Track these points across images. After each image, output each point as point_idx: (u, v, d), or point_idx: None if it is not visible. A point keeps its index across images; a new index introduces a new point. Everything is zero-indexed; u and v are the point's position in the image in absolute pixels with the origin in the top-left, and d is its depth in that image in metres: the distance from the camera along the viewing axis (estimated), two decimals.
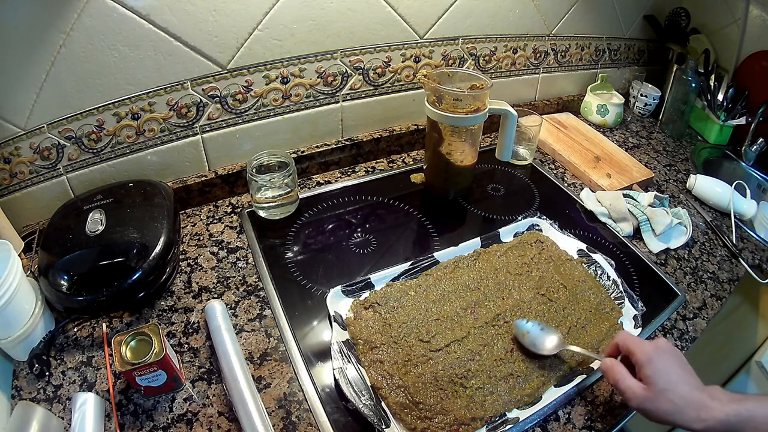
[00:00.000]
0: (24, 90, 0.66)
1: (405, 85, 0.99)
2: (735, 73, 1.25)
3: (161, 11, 0.69)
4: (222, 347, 0.59)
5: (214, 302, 0.65)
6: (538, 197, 0.95)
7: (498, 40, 1.05)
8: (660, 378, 0.49)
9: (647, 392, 0.49)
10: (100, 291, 0.61)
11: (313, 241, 0.80)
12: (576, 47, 1.20)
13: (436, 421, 0.54)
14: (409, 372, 0.58)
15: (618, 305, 0.71)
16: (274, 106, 0.87)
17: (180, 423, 0.55)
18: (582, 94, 1.27)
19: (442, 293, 0.69)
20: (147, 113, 0.76)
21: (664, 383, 0.49)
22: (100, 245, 0.65)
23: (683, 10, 1.27)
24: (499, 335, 0.64)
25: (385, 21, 0.88)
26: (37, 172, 0.73)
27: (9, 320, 0.57)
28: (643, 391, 0.49)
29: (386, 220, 0.86)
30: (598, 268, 0.76)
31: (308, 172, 0.95)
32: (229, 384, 0.55)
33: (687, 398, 0.48)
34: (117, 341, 0.54)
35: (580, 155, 1.07)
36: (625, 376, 0.51)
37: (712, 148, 1.21)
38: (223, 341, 0.59)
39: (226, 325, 0.62)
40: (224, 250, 0.77)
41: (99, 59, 0.69)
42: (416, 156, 1.05)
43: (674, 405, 0.48)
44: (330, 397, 0.58)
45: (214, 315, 0.63)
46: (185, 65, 0.75)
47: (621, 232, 0.88)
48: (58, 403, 0.56)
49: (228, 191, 0.88)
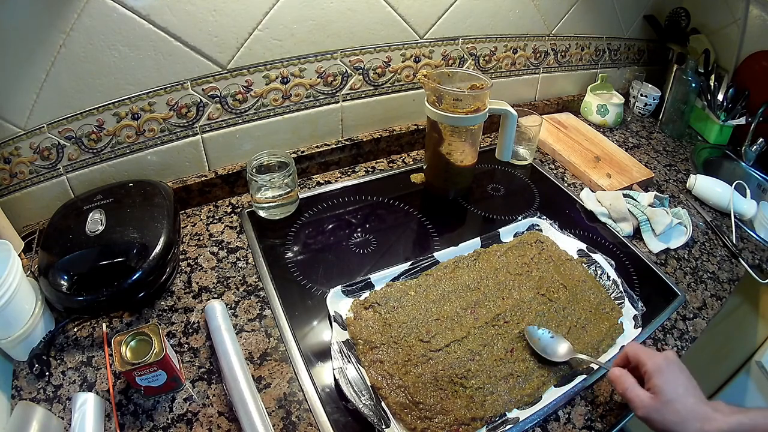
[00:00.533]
0: (24, 90, 0.66)
1: (405, 85, 0.99)
2: (735, 73, 1.25)
3: (161, 11, 0.69)
4: (222, 347, 0.59)
5: (214, 302, 0.65)
6: (538, 197, 0.95)
7: (498, 40, 1.05)
8: (668, 388, 0.50)
9: (655, 402, 0.50)
10: (100, 291, 0.61)
11: (313, 241, 0.80)
12: (576, 47, 1.20)
13: (436, 421, 0.54)
14: (409, 372, 0.58)
15: (618, 305, 0.71)
16: (274, 106, 0.87)
17: (180, 423, 0.55)
18: (582, 94, 1.27)
19: (442, 293, 0.69)
20: (147, 113, 0.76)
21: (672, 394, 0.49)
22: (100, 245, 0.65)
23: (683, 10, 1.27)
24: (499, 335, 0.64)
25: (385, 21, 0.88)
26: (37, 172, 0.73)
27: (9, 320, 0.57)
28: (651, 401, 0.50)
29: (386, 220, 0.86)
30: (598, 268, 0.76)
31: (308, 172, 0.95)
32: (229, 384, 0.55)
33: (692, 410, 0.49)
34: (117, 341, 0.54)
35: (580, 155, 1.07)
36: (634, 385, 0.52)
37: (712, 148, 1.21)
38: (223, 341, 0.59)
39: (226, 324, 0.62)
40: (224, 250, 0.77)
41: (99, 59, 0.69)
42: (416, 156, 1.05)
43: (679, 415, 0.48)
44: (330, 397, 0.58)
45: (214, 315, 0.63)
46: (185, 65, 0.75)
47: (621, 232, 0.88)
48: (58, 403, 0.56)
49: (228, 191, 0.88)
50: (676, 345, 0.70)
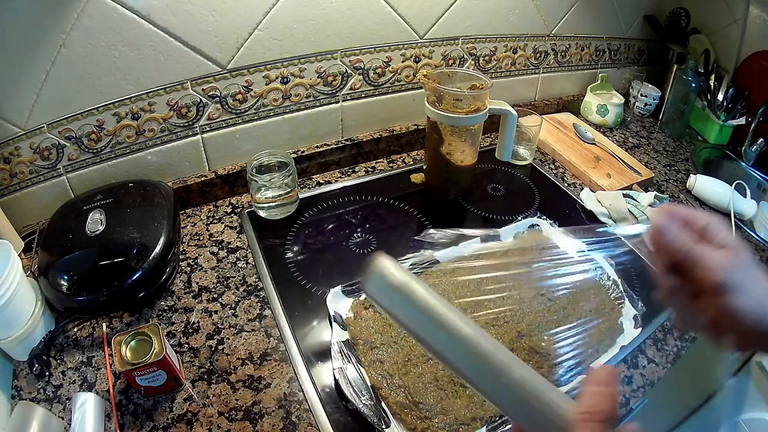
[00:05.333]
0: (24, 90, 0.66)
1: (405, 85, 0.99)
2: (735, 73, 1.25)
3: (161, 11, 0.69)
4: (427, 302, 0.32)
5: (383, 259, 0.34)
6: (538, 197, 0.95)
7: (498, 40, 1.05)
8: (743, 248, 0.33)
9: (736, 257, 0.32)
10: (100, 291, 0.61)
11: (313, 241, 0.80)
12: (576, 47, 1.20)
13: (436, 421, 0.54)
14: (409, 372, 0.58)
15: (618, 305, 0.71)
16: (274, 106, 0.87)
17: (180, 423, 0.55)
18: (582, 94, 1.27)
19: (442, 293, 0.69)
20: (147, 113, 0.76)
21: (749, 255, 0.33)
22: (100, 245, 0.65)
23: (683, 10, 1.27)
24: (499, 335, 0.64)
25: (385, 21, 0.88)
26: (37, 172, 0.73)
27: (9, 320, 0.57)
28: (731, 257, 0.32)
29: (386, 220, 0.86)
30: (598, 268, 0.76)
31: (308, 172, 0.95)
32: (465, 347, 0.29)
33: None
34: (117, 341, 0.54)
35: (580, 155, 1.07)
36: (698, 241, 0.33)
37: (712, 148, 1.21)
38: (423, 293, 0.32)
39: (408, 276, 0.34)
40: (224, 250, 0.77)
41: (99, 59, 0.69)
42: (416, 156, 1.05)
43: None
44: (330, 397, 0.58)
45: (388, 270, 0.34)
46: (185, 65, 0.75)
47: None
48: (58, 403, 0.56)
49: (228, 191, 0.88)
50: (676, 345, 0.70)
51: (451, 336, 0.26)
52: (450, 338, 0.26)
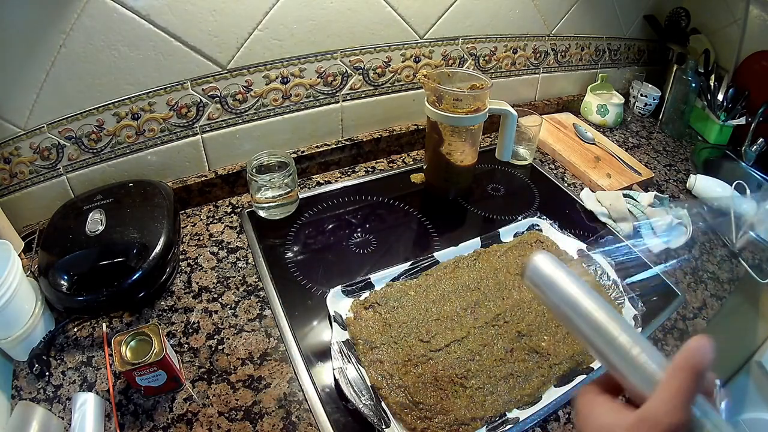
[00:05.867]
0: (24, 90, 0.66)
1: (405, 85, 0.99)
2: (735, 73, 1.25)
3: (161, 11, 0.69)
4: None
5: (541, 256, 0.36)
6: (538, 197, 0.95)
7: (498, 40, 1.05)
8: None
9: None
10: (100, 291, 0.61)
11: (313, 241, 0.80)
12: (576, 47, 1.20)
13: (436, 421, 0.54)
14: (409, 372, 0.58)
15: (618, 305, 0.71)
16: (274, 106, 0.87)
17: (180, 423, 0.55)
18: (582, 94, 1.27)
19: (442, 293, 0.69)
20: (147, 113, 0.76)
21: None
22: (100, 245, 0.65)
23: (683, 10, 1.27)
24: (499, 335, 0.64)
25: (385, 21, 0.88)
26: (37, 172, 0.73)
27: (9, 320, 0.57)
28: None
29: (386, 220, 0.86)
30: (598, 268, 0.76)
31: (308, 172, 0.95)
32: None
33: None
34: (117, 341, 0.54)
35: (580, 155, 1.07)
36: None
37: (712, 148, 1.21)
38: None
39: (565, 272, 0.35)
40: (224, 250, 0.77)
41: (99, 59, 0.69)
42: (416, 156, 1.05)
43: None
44: (330, 397, 0.58)
45: (548, 267, 0.35)
46: (185, 65, 0.75)
47: (621, 232, 0.88)
48: (58, 403, 0.56)
49: (228, 191, 0.88)
50: (677, 345, 0.70)
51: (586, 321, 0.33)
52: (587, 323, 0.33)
